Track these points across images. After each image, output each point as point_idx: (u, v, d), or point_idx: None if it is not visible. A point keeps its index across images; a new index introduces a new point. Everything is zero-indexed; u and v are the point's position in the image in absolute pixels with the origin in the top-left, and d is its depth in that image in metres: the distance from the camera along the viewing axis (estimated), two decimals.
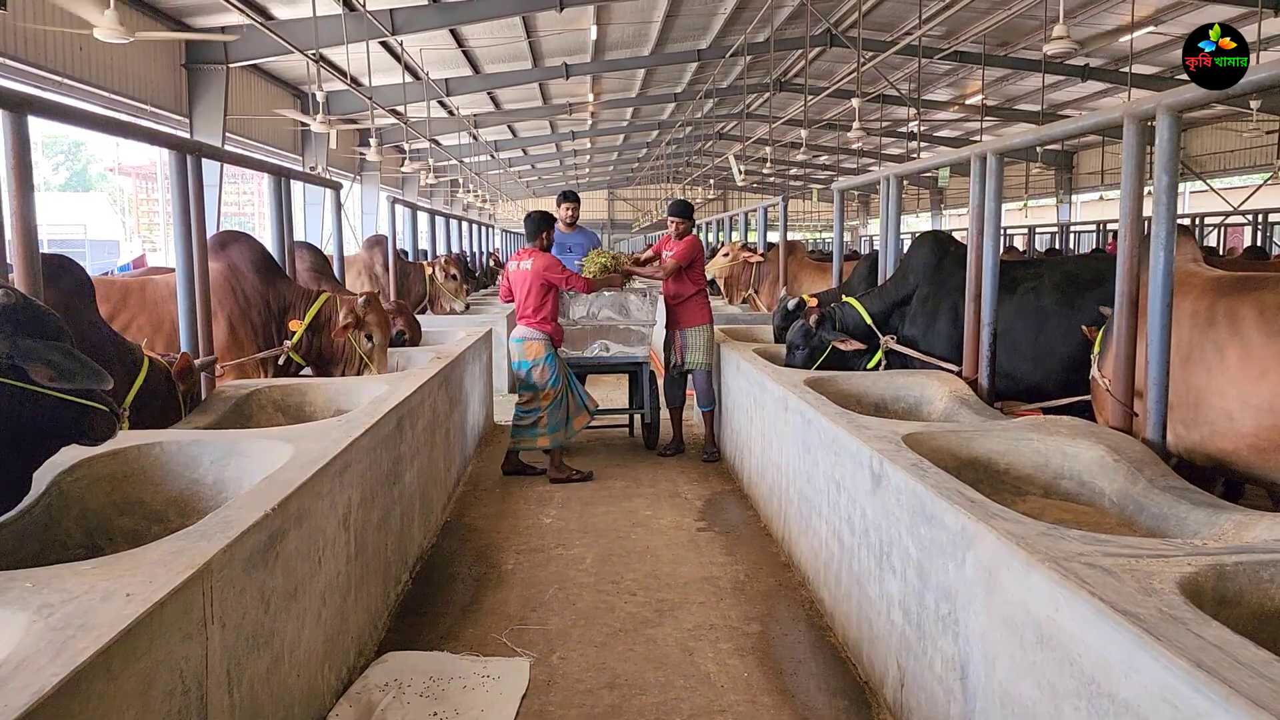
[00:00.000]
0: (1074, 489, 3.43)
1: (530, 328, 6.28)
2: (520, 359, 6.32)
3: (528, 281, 6.26)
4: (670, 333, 7.07)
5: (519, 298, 6.34)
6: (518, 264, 6.37)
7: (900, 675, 3.02)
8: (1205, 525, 2.74)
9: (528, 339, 6.28)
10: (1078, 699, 1.90)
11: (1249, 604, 2.07)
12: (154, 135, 4.54)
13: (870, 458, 3.35)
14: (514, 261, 6.43)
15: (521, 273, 6.31)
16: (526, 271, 6.28)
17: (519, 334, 6.34)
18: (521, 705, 3.21)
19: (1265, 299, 3.39)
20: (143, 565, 2.05)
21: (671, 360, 7.09)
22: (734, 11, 17.65)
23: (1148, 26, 16.41)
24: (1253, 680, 1.51)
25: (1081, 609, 1.91)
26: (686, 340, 6.96)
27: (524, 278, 6.29)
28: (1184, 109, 3.36)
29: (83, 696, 1.58)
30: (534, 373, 6.27)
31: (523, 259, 6.34)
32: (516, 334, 6.37)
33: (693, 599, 4.20)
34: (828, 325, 5.63)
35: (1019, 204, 31.07)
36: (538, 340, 6.28)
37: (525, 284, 6.27)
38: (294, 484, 2.74)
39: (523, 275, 6.30)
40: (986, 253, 4.66)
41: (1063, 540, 2.25)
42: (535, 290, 6.24)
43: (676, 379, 7.15)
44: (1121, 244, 3.66)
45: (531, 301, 6.25)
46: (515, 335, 6.38)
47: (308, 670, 2.84)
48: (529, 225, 6.42)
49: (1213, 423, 3.43)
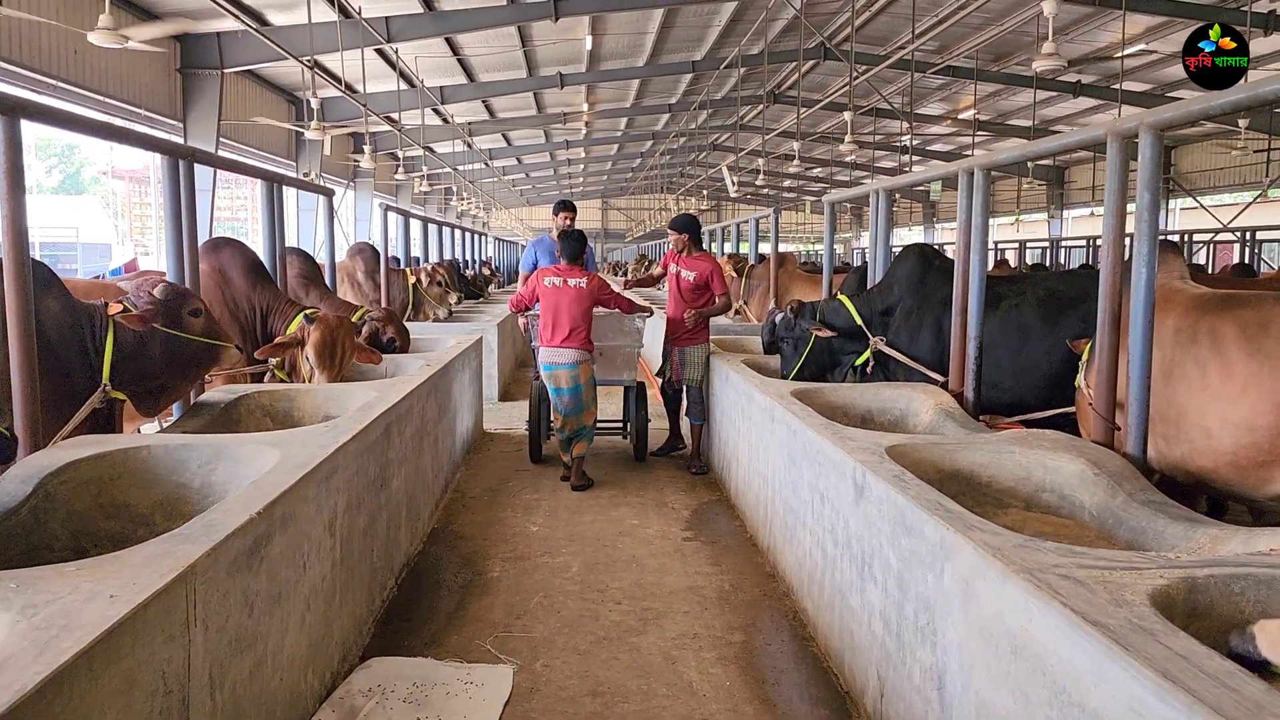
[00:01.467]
0: (1055, 502, 3.47)
1: (578, 349, 6.14)
2: (572, 383, 6.16)
3: (579, 301, 6.13)
4: (668, 346, 6.95)
5: (555, 315, 6.13)
6: (563, 281, 6.18)
7: (880, 685, 3.04)
8: (1182, 539, 2.78)
9: (580, 361, 6.16)
10: (1050, 708, 1.93)
11: (1220, 616, 2.10)
12: (147, 141, 4.56)
13: (853, 469, 3.38)
14: (552, 278, 6.21)
15: (570, 290, 6.15)
16: (579, 290, 6.15)
17: (568, 357, 6.14)
18: (504, 712, 3.22)
19: (1246, 316, 3.42)
20: (127, 567, 2.07)
21: (667, 373, 7.01)
22: (728, 24, 17.76)
23: (1138, 44, 16.55)
24: (1216, 690, 1.54)
25: (1054, 620, 1.93)
26: (685, 357, 6.84)
27: (574, 297, 6.13)
28: (1166, 127, 3.41)
29: (65, 695, 1.59)
30: (585, 391, 6.22)
31: (569, 276, 6.19)
32: (563, 358, 6.15)
33: (677, 608, 4.21)
34: (805, 315, 5.70)
35: (1011, 218, 31.28)
36: (589, 361, 6.25)
37: (574, 303, 6.12)
38: (280, 488, 2.76)
39: (571, 294, 6.14)
40: (973, 267, 4.70)
41: (1038, 552, 2.28)
42: (585, 310, 6.15)
43: (671, 395, 7.13)
44: (1104, 260, 3.71)
45: (580, 321, 6.13)
46: (561, 359, 6.16)
47: (291, 674, 2.85)
48: (572, 244, 6.36)
49: (1193, 440, 3.47)
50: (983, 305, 4.66)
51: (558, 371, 6.19)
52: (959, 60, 18.44)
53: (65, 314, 3.79)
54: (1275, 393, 3.22)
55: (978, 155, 5.21)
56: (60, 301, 3.80)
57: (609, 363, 6.74)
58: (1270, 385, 3.24)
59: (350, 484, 3.60)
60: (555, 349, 6.14)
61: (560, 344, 6.11)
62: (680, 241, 6.91)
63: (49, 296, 3.73)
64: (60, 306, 3.78)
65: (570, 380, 6.16)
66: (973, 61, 18.52)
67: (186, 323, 4.14)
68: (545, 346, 6.21)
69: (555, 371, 6.20)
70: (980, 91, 21.03)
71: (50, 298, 3.74)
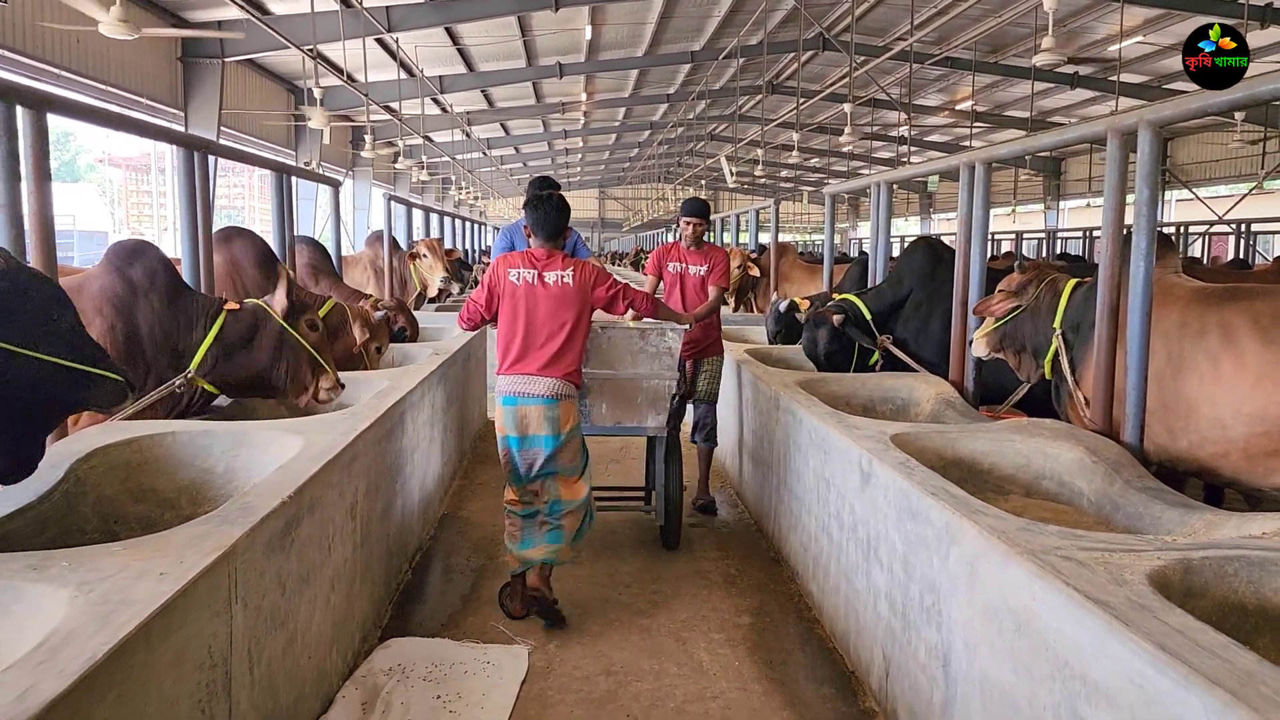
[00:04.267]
0: (1054, 489, 3.57)
1: (562, 379, 3.93)
2: (550, 429, 3.92)
3: (566, 305, 3.95)
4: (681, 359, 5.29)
5: (527, 327, 3.94)
6: (534, 274, 3.95)
7: (885, 664, 3.15)
8: (1178, 524, 2.88)
9: (563, 398, 3.93)
10: (1052, 681, 2.03)
11: (1214, 596, 2.21)
12: (167, 134, 4.65)
13: (860, 456, 3.48)
14: (517, 270, 3.97)
15: (546, 290, 3.95)
16: (563, 287, 3.95)
17: (543, 389, 3.90)
18: (521, 690, 3.33)
19: (1259, 309, 3.50)
20: (171, 547, 2.17)
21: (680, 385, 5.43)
22: (728, 14, 17.79)
23: (1136, 36, 16.62)
24: (1211, 662, 1.65)
25: (1057, 598, 2.04)
26: (700, 367, 5.61)
27: (552, 298, 3.94)
28: (1165, 124, 3.50)
29: (126, 665, 1.69)
30: (566, 449, 3.98)
31: (542, 266, 3.97)
32: (537, 388, 3.91)
33: (685, 591, 4.32)
34: (850, 324, 5.56)
35: (1008, 209, 31.35)
36: (573, 400, 4.04)
37: (557, 308, 3.94)
38: (307, 474, 2.86)
39: (552, 294, 3.95)
40: (974, 259, 4.80)
41: (1040, 535, 2.38)
42: (576, 318, 3.96)
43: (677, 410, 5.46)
44: (1103, 253, 3.80)
45: (561, 336, 3.92)
46: (534, 390, 3.91)
47: (318, 652, 2.95)
48: (549, 214, 4.03)
49: (1203, 431, 3.55)
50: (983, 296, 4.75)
51: (525, 408, 3.91)
52: (957, 52, 18.49)
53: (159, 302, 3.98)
54: None
55: (978, 149, 5.29)
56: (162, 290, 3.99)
57: (626, 402, 4.54)
58: None
59: (369, 470, 3.69)
60: (525, 377, 3.93)
61: (537, 370, 3.91)
62: (700, 229, 5.60)
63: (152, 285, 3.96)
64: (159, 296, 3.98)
65: (547, 424, 3.92)
66: (971, 53, 18.58)
67: (302, 330, 4.17)
68: (508, 374, 3.97)
69: (522, 408, 3.91)
70: (978, 83, 21.08)
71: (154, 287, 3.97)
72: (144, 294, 4.05)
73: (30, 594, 1.92)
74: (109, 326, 3.97)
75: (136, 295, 4.04)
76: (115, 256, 4.10)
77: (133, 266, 4.09)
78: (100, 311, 3.99)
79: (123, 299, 4.02)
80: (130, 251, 4.13)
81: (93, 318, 3.98)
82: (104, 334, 3.95)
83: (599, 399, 4.52)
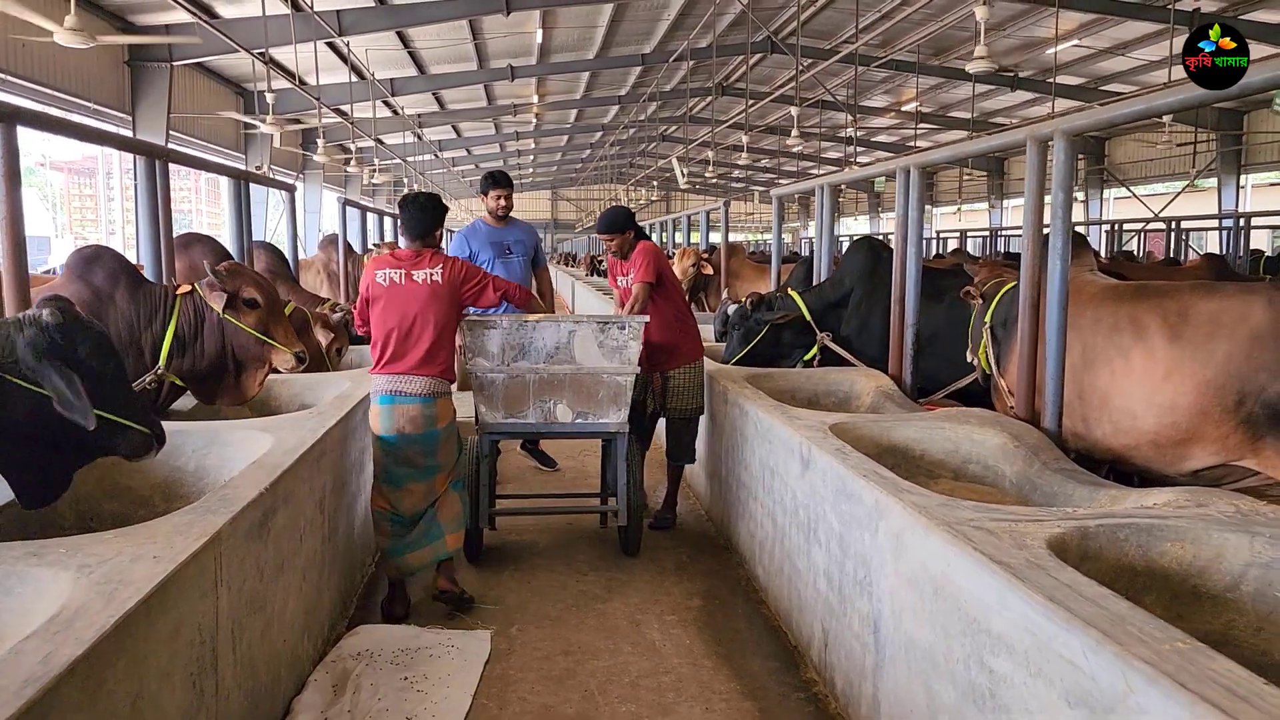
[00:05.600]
0: (980, 472, 3.85)
1: (435, 377, 4.08)
2: (427, 426, 4.05)
3: (435, 303, 4.07)
4: (648, 375, 5.21)
5: (401, 327, 4.05)
6: (400, 274, 4.08)
7: (824, 636, 3.40)
8: (1087, 500, 3.16)
9: (439, 395, 4.11)
10: (963, 637, 2.28)
11: (1108, 559, 2.47)
12: (131, 144, 4.78)
13: (800, 445, 3.72)
14: (384, 271, 4.10)
15: (412, 288, 4.06)
16: (427, 286, 4.07)
17: (418, 388, 4.04)
18: (485, 670, 3.52)
19: (1167, 306, 3.78)
20: (160, 534, 2.34)
21: (648, 404, 5.32)
22: (677, 18, 18.06)
23: (1073, 40, 17.18)
24: (1090, 609, 1.90)
25: (966, 562, 2.29)
26: (669, 384, 5.25)
27: (422, 296, 4.06)
28: (1079, 133, 3.79)
29: (131, 636, 1.87)
30: (444, 447, 4.15)
31: (410, 265, 4.10)
32: (410, 389, 4.04)
33: (639, 578, 4.54)
34: (762, 308, 5.95)
35: (953, 208, 32.02)
36: (449, 396, 4.21)
37: (421, 306, 4.05)
38: (282, 467, 3.03)
39: (414, 293, 4.06)
40: (910, 258, 5.07)
41: (957, 509, 2.64)
42: (441, 316, 4.08)
43: (648, 428, 5.44)
44: (1024, 253, 4.08)
45: (432, 334, 4.05)
46: (407, 391, 4.04)
47: (292, 637, 3.13)
48: (413, 213, 4.18)
49: (1116, 421, 3.82)
50: (919, 294, 5.02)
51: (403, 407, 4.03)
52: (902, 54, 18.95)
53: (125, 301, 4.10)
54: (1196, 375, 3.54)
55: (913, 154, 5.57)
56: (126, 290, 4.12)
57: (588, 396, 4.57)
58: (1191, 369, 3.58)
59: (335, 466, 3.86)
60: (400, 376, 4.05)
61: (411, 369, 4.04)
62: (613, 243, 5.23)
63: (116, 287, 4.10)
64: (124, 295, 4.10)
65: (425, 423, 4.05)
66: (915, 56, 19.04)
67: (240, 310, 4.21)
68: (382, 373, 4.08)
69: (399, 407, 4.03)
70: (922, 85, 21.59)
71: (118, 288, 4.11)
72: (109, 298, 4.18)
73: (33, 577, 2.08)
74: None
75: (102, 300, 4.17)
76: (77, 265, 4.22)
77: (94, 272, 4.21)
78: None
79: (90, 306, 4.14)
80: (90, 259, 4.25)
81: None
82: None
83: (559, 395, 4.56)
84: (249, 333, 4.19)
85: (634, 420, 4.89)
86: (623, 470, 4.72)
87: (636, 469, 4.85)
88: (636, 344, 4.55)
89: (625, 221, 5.28)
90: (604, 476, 5.30)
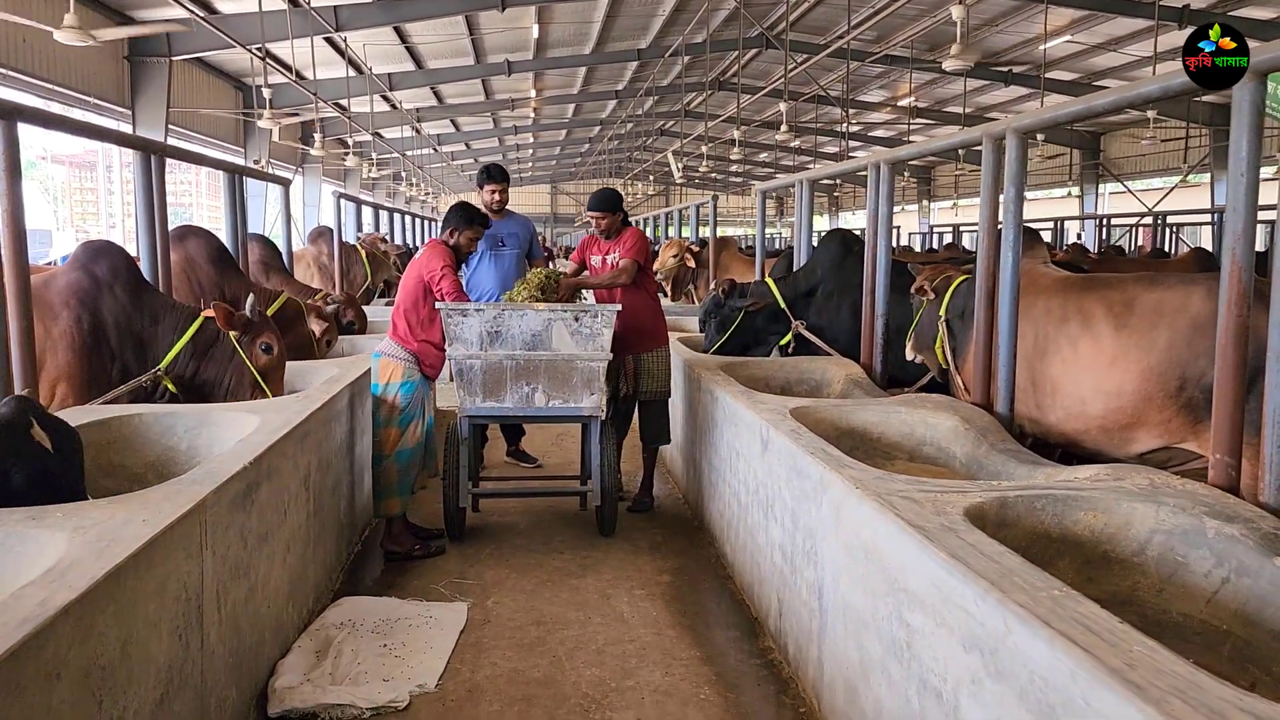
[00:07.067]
0: (934, 453, 4.04)
1: (390, 339, 4.81)
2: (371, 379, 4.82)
3: (406, 285, 4.86)
4: (619, 358, 5.21)
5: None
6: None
7: (779, 606, 3.60)
8: (1025, 477, 3.35)
9: (383, 354, 4.79)
10: (887, 596, 2.48)
11: (1024, 526, 2.67)
12: (127, 140, 4.95)
13: (761, 427, 3.92)
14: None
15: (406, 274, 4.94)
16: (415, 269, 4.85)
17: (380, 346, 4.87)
18: (460, 638, 3.73)
19: (1112, 297, 3.97)
20: (149, 501, 2.54)
21: (621, 387, 5.46)
22: (672, 13, 18.23)
23: (1064, 36, 17.33)
24: (986, 564, 2.10)
25: (890, 527, 2.49)
26: (641, 365, 5.43)
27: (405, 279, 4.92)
28: (1027, 131, 3.98)
29: (121, 587, 2.07)
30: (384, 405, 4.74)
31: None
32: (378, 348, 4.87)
33: (613, 556, 4.74)
34: (736, 296, 6.15)
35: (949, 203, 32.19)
36: (395, 359, 4.76)
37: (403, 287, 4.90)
38: (264, 445, 3.23)
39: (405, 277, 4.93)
40: (880, 250, 5.26)
41: (890, 482, 2.84)
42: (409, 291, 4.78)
43: (624, 411, 5.57)
44: (981, 246, 4.27)
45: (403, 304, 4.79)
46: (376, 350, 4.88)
47: (276, 604, 3.33)
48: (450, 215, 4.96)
49: (1067, 407, 4.01)
50: (889, 285, 5.21)
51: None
52: (895, 49, 19.10)
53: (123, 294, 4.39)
54: (1140, 363, 3.73)
55: (881, 152, 5.76)
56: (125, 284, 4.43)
57: (562, 382, 4.75)
58: (1135, 356, 3.77)
59: (320, 447, 4.06)
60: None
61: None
62: (603, 222, 5.45)
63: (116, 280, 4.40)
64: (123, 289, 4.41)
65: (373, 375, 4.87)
66: (909, 51, 19.20)
67: (253, 352, 4.57)
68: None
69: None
70: (916, 80, 21.74)
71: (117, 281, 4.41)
72: (108, 287, 4.39)
73: (33, 537, 2.29)
74: (75, 318, 4.31)
75: (100, 289, 4.39)
76: (82, 255, 4.45)
77: (97, 263, 4.44)
78: (67, 304, 4.32)
79: (88, 292, 4.36)
80: (96, 250, 4.49)
81: (60, 310, 4.32)
82: (71, 324, 4.29)
83: (534, 380, 4.72)
84: (252, 373, 4.54)
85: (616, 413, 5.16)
86: (596, 453, 4.93)
87: (611, 452, 5.01)
88: (608, 331, 4.70)
89: (617, 203, 5.52)
90: (583, 460, 5.45)
